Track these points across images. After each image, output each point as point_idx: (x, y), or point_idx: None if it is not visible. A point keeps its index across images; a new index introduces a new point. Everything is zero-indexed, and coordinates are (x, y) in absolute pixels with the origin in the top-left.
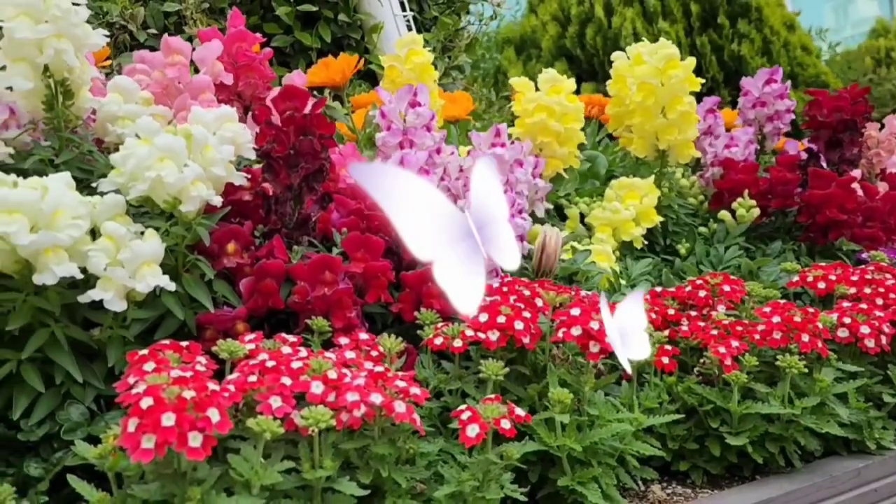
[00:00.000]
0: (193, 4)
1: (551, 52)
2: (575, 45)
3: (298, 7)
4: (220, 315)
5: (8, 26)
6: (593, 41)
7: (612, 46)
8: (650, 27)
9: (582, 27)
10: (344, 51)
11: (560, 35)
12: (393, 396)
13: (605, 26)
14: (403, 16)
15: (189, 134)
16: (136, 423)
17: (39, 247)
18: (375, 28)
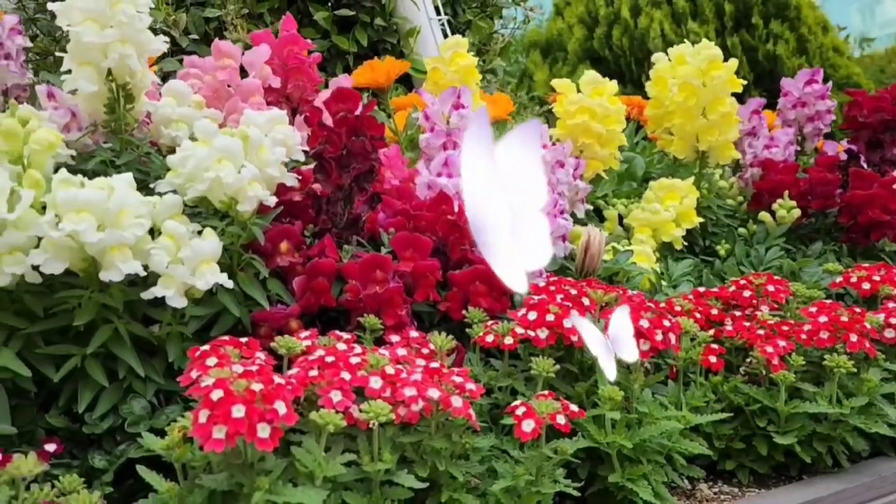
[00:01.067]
0: (234, 10)
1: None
2: (602, 47)
3: (336, 12)
4: (275, 312)
5: (75, 30)
6: (619, 42)
7: (638, 48)
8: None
9: (609, 29)
10: (380, 55)
11: (586, 37)
12: (449, 392)
13: (632, 27)
14: (438, 20)
15: (246, 136)
16: (207, 414)
17: (106, 245)
18: (411, 32)
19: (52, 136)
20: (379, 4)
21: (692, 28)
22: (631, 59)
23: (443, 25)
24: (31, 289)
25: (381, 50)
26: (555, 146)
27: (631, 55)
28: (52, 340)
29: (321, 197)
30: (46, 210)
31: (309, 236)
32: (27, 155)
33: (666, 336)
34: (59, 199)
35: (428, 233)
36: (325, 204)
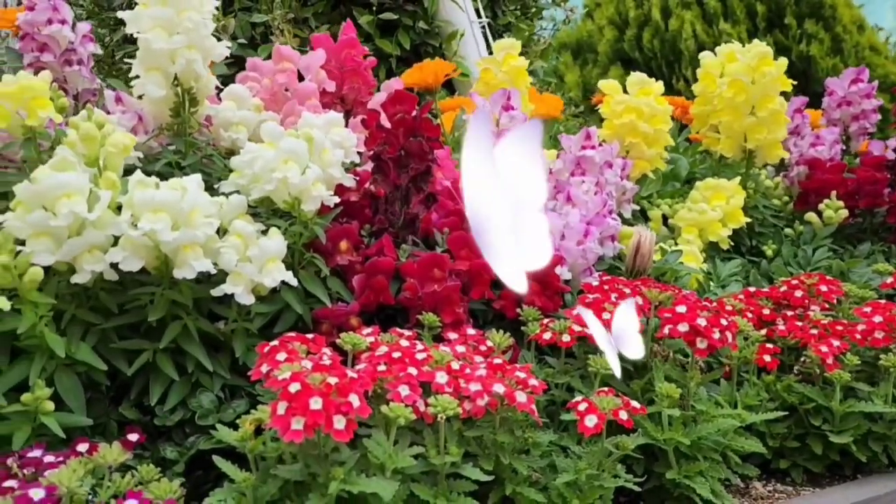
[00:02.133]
0: (280, 15)
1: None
2: (633, 49)
3: (379, 16)
4: (336, 310)
5: (145, 37)
6: (650, 44)
7: (669, 49)
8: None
9: (640, 30)
10: (422, 58)
11: (617, 39)
12: (513, 387)
13: (663, 29)
14: (479, 22)
15: (310, 137)
16: (285, 406)
17: (179, 243)
18: (453, 35)
19: (127, 139)
20: (421, 8)
21: (724, 29)
22: (662, 61)
23: (483, 28)
24: (106, 286)
25: (423, 53)
26: (602, 146)
27: (662, 57)
28: (124, 336)
29: (378, 197)
30: (122, 210)
31: (365, 236)
32: (103, 157)
33: (723, 334)
34: (136, 199)
35: None
36: (384, 204)
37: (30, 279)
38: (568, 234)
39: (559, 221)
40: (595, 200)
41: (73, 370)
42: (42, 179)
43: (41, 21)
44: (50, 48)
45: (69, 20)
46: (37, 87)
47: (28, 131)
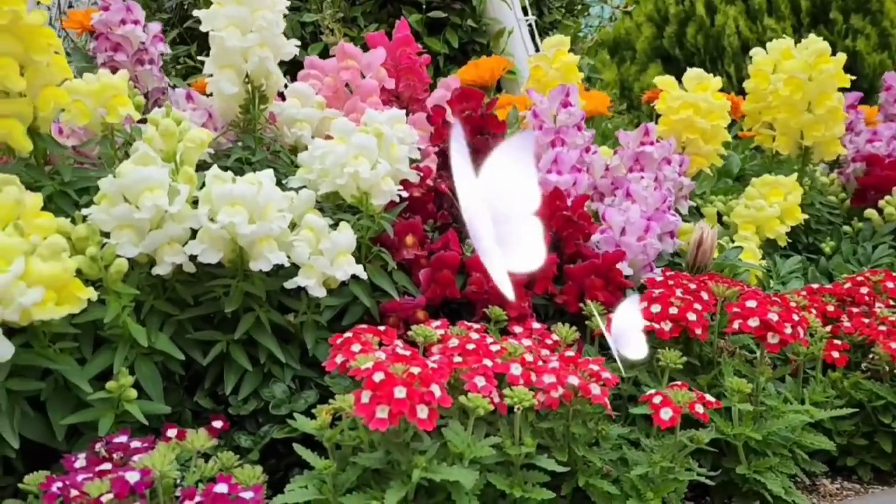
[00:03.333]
0: (329, 15)
1: (646, 54)
2: (673, 46)
3: (428, 14)
4: (403, 303)
5: (220, 35)
6: (694, 40)
7: (713, 45)
8: (754, 25)
9: (681, 27)
10: (468, 56)
11: (656, 36)
12: (586, 379)
13: (708, 25)
14: (525, 20)
15: (380, 133)
16: (369, 395)
17: (256, 236)
18: (500, 33)
19: (204, 135)
20: (469, 6)
21: (768, 24)
22: (705, 58)
23: (530, 26)
24: (181, 278)
25: (470, 51)
26: (660, 143)
27: (705, 53)
28: (198, 327)
29: (441, 193)
30: (199, 204)
31: (428, 231)
32: (180, 153)
33: (795, 329)
34: (214, 193)
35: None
36: (449, 199)
37: (115, 270)
38: (629, 229)
39: (619, 217)
40: (655, 196)
41: (151, 359)
42: (126, 174)
43: (115, 21)
44: (123, 48)
45: (141, 20)
46: (117, 86)
47: (106, 128)
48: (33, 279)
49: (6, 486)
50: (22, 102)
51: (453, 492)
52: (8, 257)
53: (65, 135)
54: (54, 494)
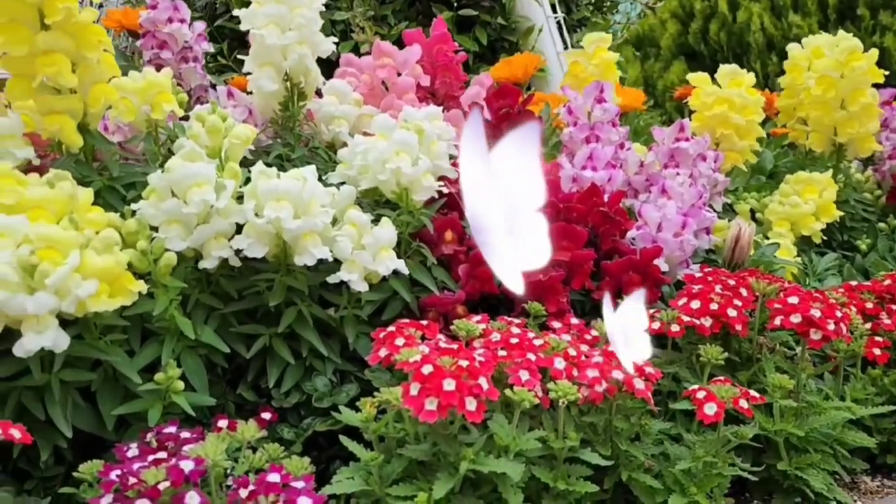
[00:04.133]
0: (360, 13)
1: (671, 51)
2: (698, 42)
3: (459, 12)
4: (443, 298)
5: (259, 33)
6: (717, 37)
7: (736, 42)
8: (779, 22)
9: (705, 23)
10: (497, 54)
11: (680, 32)
12: (629, 374)
13: (730, 21)
14: (554, 17)
15: (421, 130)
16: (418, 387)
17: (301, 231)
18: (529, 31)
19: (248, 131)
20: (499, 4)
21: (794, 21)
22: (729, 54)
23: (558, 23)
24: (224, 272)
25: (499, 49)
26: (695, 139)
27: (729, 50)
28: (241, 321)
29: None
30: (245, 199)
31: (465, 226)
32: (225, 148)
33: (838, 326)
34: (260, 188)
35: (579, 224)
36: None
37: (164, 264)
38: (665, 225)
39: (655, 214)
40: (691, 192)
41: (196, 352)
42: (175, 170)
43: (162, 19)
44: (168, 46)
45: (187, 19)
46: (162, 83)
47: (150, 125)
48: (88, 272)
49: (56, 475)
50: (73, 99)
51: (499, 484)
52: (64, 250)
53: (110, 131)
54: (112, 482)
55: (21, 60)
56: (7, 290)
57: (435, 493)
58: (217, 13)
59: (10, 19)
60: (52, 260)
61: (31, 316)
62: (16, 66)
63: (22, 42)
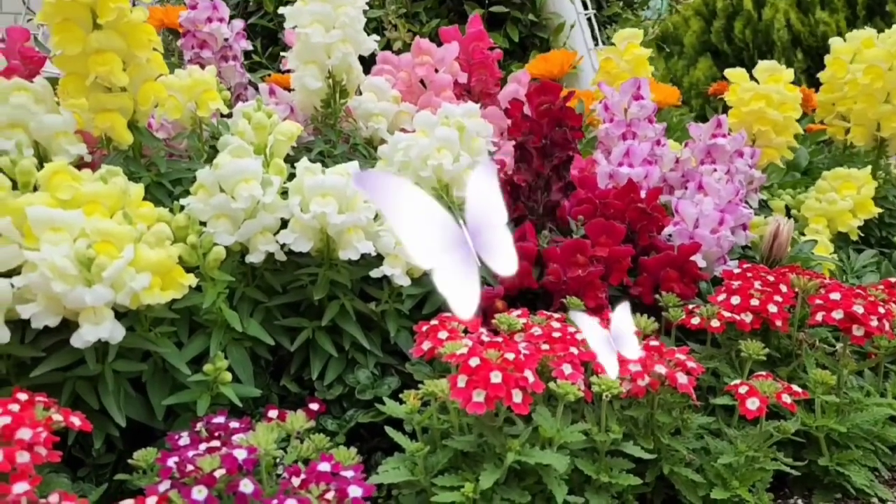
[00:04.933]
0: (392, 11)
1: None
2: (721, 40)
3: (490, 9)
4: (483, 292)
5: (304, 31)
6: (742, 35)
7: (762, 40)
8: (805, 18)
9: (729, 21)
10: (527, 50)
11: (704, 30)
12: (672, 369)
13: (755, 19)
14: (585, 14)
15: (462, 126)
16: (465, 379)
17: (345, 226)
18: (560, 28)
19: (294, 128)
20: (530, 1)
21: (821, 17)
22: (754, 52)
23: (589, 19)
24: (268, 266)
25: (529, 45)
26: (732, 135)
27: (754, 47)
28: (284, 314)
29: (518, 185)
30: (290, 194)
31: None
32: (270, 145)
33: (881, 322)
34: (306, 184)
35: (616, 220)
36: (526, 191)
37: (213, 258)
38: (702, 222)
39: (692, 210)
40: (728, 189)
41: (242, 345)
42: (224, 165)
43: (202, 19)
44: (209, 45)
45: (226, 18)
46: (207, 81)
47: (195, 122)
48: (142, 265)
49: (107, 463)
50: (124, 97)
51: (543, 475)
52: (119, 244)
53: (154, 128)
54: (169, 469)
55: (74, 59)
56: (66, 283)
57: (482, 483)
58: (249, 11)
59: (64, 19)
60: (107, 253)
61: (88, 308)
62: (69, 64)
63: (75, 41)
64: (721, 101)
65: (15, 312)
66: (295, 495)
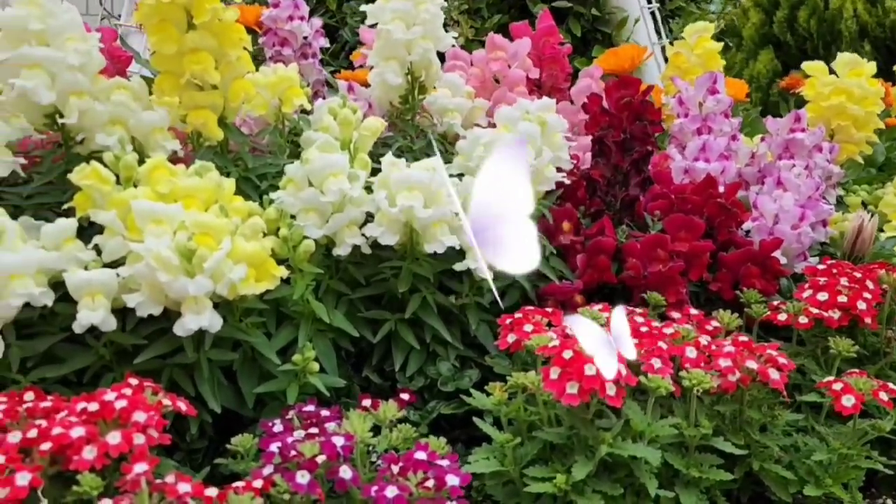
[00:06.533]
0: (455, 7)
1: (754, 40)
2: (784, 31)
3: (553, 4)
4: (563, 287)
5: (386, 28)
6: (807, 24)
7: (827, 30)
8: (873, 8)
9: (792, 11)
10: (589, 45)
11: (764, 22)
12: (762, 364)
13: (821, 8)
14: (648, 8)
15: (544, 121)
16: (558, 371)
17: (431, 220)
18: (624, 21)
19: (378, 123)
20: None
21: (891, 6)
22: (818, 43)
23: (653, 13)
24: (352, 260)
25: (591, 40)
26: (813, 130)
27: (818, 38)
28: (367, 306)
29: (595, 180)
30: (375, 189)
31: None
32: (355, 140)
33: None
34: (392, 179)
35: (694, 215)
36: (604, 186)
37: (303, 250)
38: (782, 217)
39: (771, 205)
40: (808, 184)
41: (326, 336)
42: (313, 160)
43: (283, 17)
44: (290, 42)
45: (307, 16)
46: (292, 78)
47: (278, 118)
48: (238, 257)
49: (200, 449)
50: (216, 94)
51: (635, 469)
52: (217, 237)
53: (237, 125)
54: (272, 454)
55: (170, 58)
56: (170, 273)
57: (575, 474)
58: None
59: (161, 20)
60: (207, 245)
61: (190, 298)
62: (164, 63)
63: (171, 41)
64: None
65: (118, 302)
66: (395, 482)
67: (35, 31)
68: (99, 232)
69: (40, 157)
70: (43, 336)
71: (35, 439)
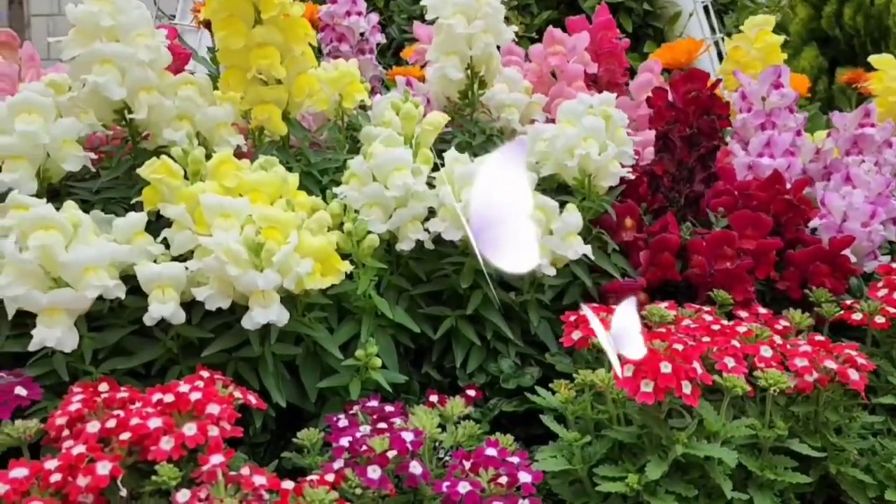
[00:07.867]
0: (505, 3)
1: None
2: (832, 27)
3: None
4: (625, 284)
5: (448, 22)
6: (853, 21)
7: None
8: None
9: (840, 6)
10: (640, 40)
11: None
12: (841, 364)
13: (867, 4)
14: (702, 2)
15: (608, 115)
16: (632, 369)
17: None
18: (676, 16)
19: (440, 118)
20: None
21: None
22: (866, 39)
23: (706, 7)
24: (413, 255)
25: (643, 35)
26: (883, 125)
27: (866, 34)
28: (427, 302)
29: (658, 176)
30: (438, 184)
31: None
32: (417, 135)
33: None
34: (455, 173)
35: (761, 212)
36: (668, 182)
37: (367, 245)
38: (852, 215)
39: (840, 202)
40: (878, 180)
41: (387, 332)
42: (378, 155)
43: (341, 13)
44: (347, 38)
45: (364, 12)
46: (353, 74)
47: (338, 113)
48: (305, 251)
49: (262, 442)
50: (281, 89)
51: (709, 469)
52: (284, 231)
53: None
54: (343, 448)
55: (236, 53)
56: (240, 267)
57: (649, 474)
58: None
59: (229, 14)
60: (274, 239)
61: (258, 291)
62: (231, 58)
63: (239, 36)
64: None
65: (186, 295)
66: (466, 478)
67: (106, 28)
68: (166, 226)
69: (107, 153)
70: (112, 328)
71: (113, 429)
